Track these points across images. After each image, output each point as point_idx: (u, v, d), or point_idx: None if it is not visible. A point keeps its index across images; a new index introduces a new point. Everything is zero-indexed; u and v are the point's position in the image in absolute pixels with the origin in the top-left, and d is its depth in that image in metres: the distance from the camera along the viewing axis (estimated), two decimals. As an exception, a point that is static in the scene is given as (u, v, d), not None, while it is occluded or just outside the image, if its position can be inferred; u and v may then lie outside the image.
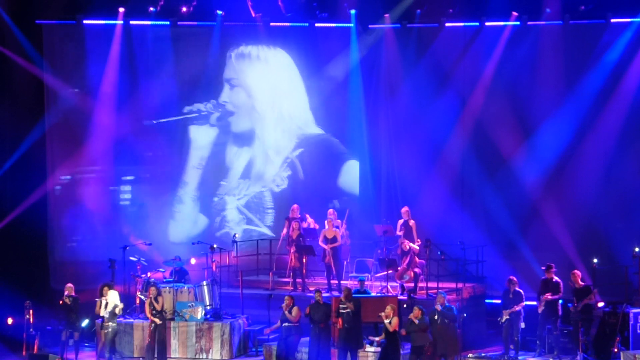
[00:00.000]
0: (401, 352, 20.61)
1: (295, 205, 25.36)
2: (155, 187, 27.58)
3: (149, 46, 27.10)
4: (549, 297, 21.74)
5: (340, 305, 21.10)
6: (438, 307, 21.07)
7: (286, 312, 21.13)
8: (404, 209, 24.47)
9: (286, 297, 21.35)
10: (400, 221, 24.39)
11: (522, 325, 21.96)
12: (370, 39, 27.20)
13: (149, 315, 21.64)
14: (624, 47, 25.37)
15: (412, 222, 24.24)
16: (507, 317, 21.82)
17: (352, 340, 21.05)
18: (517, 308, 21.82)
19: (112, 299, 21.61)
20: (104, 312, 21.50)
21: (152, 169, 27.65)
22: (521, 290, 22.06)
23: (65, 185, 27.14)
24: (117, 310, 21.58)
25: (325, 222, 24.36)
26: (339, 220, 24.77)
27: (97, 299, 21.72)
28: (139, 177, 27.67)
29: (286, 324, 21.15)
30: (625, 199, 25.40)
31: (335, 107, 27.57)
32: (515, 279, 22.19)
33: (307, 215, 25.29)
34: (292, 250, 24.37)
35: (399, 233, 24.19)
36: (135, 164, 27.54)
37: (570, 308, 21.87)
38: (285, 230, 24.98)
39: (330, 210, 25.02)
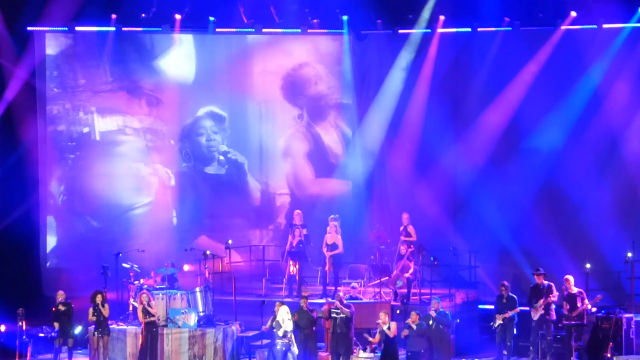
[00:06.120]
0: (399, 357, 20.60)
1: (297, 211, 25.33)
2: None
3: (143, 52, 27.17)
4: (552, 298, 21.70)
5: (332, 309, 21.12)
6: (432, 312, 21.08)
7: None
8: (404, 215, 24.57)
9: (277, 304, 21.31)
10: (401, 227, 24.50)
11: (514, 331, 21.97)
12: (362, 45, 27.22)
13: (142, 321, 21.60)
14: (616, 53, 25.41)
15: (410, 228, 24.33)
16: (500, 321, 21.81)
17: (343, 345, 21.07)
18: (511, 313, 21.81)
19: (285, 318, 21.06)
20: (280, 332, 20.95)
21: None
22: (514, 296, 22.06)
23: (57, 191, 27.08)
24: (283, 332, 21.01)
25: (327, 227, 24.37)
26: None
27: (99, 304, 21.66)
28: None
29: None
30: (617, 204, 25.40)
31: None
32: (508, 284, 22.19)
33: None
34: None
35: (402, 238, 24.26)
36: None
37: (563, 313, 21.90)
38: (291, 238, 24.89)
39: (332, 217, 24.93)
